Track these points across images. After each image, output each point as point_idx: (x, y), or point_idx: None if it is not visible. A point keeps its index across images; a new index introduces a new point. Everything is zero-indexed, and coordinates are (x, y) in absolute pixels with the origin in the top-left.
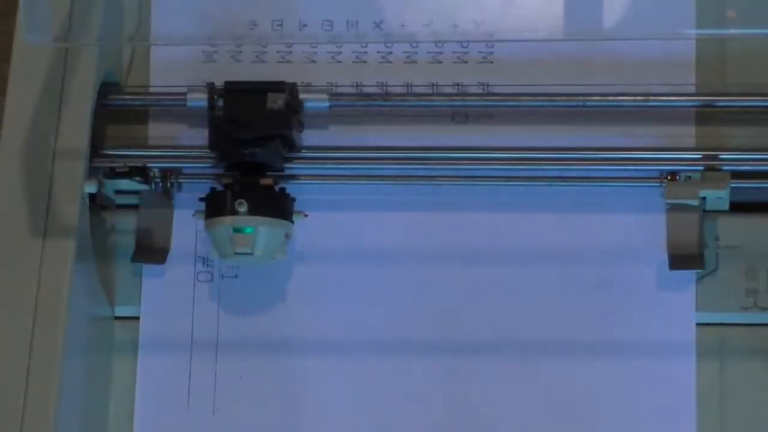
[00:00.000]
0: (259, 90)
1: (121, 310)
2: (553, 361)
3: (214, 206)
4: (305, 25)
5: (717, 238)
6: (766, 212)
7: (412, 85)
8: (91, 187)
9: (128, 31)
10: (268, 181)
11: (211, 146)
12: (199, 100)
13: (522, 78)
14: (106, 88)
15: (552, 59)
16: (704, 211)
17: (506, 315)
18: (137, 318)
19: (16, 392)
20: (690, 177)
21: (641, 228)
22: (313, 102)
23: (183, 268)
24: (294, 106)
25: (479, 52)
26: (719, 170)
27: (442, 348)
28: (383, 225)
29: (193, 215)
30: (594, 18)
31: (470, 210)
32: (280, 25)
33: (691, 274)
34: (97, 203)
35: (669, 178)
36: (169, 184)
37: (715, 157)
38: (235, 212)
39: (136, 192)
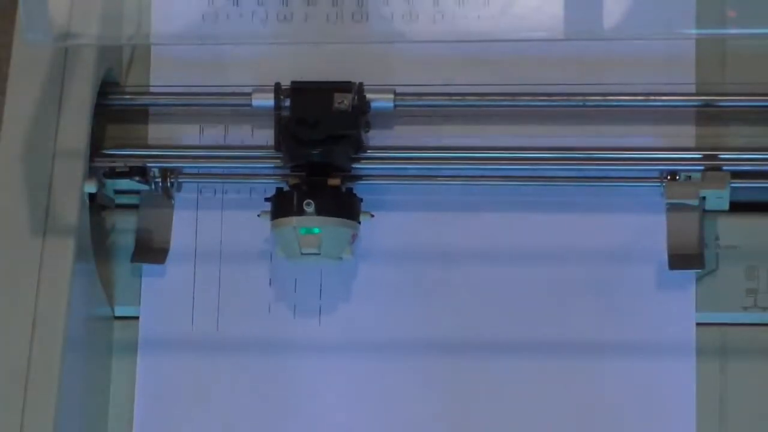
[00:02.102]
0: (325, 90)
1: (121, 310)
2: (553, 360)
3: (281, 206)
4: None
5: (717, 238)
6: (766, 212)
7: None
8: (91, 187)
9: (128, 31)
10: (335, 181)
11: (278, 146)
12: (265, 99)
13: (522, 78)
14: (106, 88)
15: (552, 59)
16: (704, 211)
17: (505, 314)
18: (137, 318)
19: (16, 392)
20: (690, 177)
21: (641, 228)
22: (379, 102)
23: (183, 268)
24: (361, 106)
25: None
26: (719, 170)
27: (443, 347)
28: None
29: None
30: (594, 18)
31: (469, 210)
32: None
33: (691, 274)
34: (97, 203)
35: (669, 178)
36: (168, 184)
37: (715, 157)
38: (302, 212)
39: (136, 192)
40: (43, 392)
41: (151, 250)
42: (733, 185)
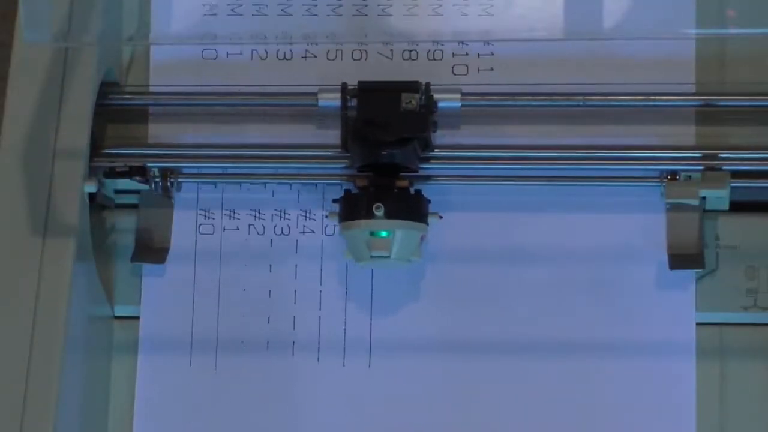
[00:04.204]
0: (392, 90)
1: (121, 310)
2: (553, 360)
3: (350, 209)
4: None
5: (717, 238)
6: (766, 212)
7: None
8: (91, 187)
9: (128, 31)
10: (404, 182)
11: (344, 146)
12: (331, 99)
13: (522, 78)
14: (106, 88)
15: (552, 59)
16: (704, 210)
17: (505, 314)
18: (137, 318)
19: (16, 392)
20: (690, 176)
21: (641, 228)
22: (446, 102)
23: (183, 268)
24: (429, 106)
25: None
26: (719, 170)
27: (443, 348)
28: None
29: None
30: (594, 18)
31: (469, 210)
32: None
33: (691, 274)
34: (97, 203)
35: (669, 177)
36: (170, 184)
37: (715, 157)
38: (371, 216)
39: (136, 192)
40: (43, 392)
41: (151, 250)
42: (733, 185)
